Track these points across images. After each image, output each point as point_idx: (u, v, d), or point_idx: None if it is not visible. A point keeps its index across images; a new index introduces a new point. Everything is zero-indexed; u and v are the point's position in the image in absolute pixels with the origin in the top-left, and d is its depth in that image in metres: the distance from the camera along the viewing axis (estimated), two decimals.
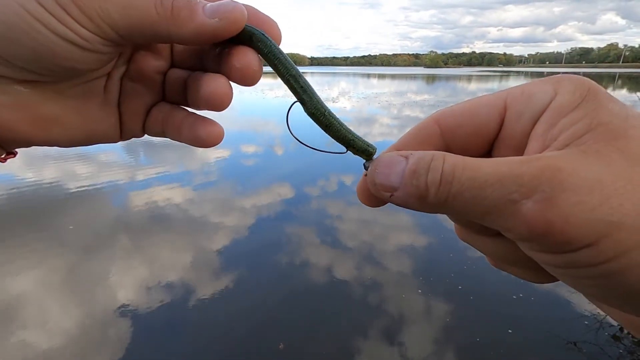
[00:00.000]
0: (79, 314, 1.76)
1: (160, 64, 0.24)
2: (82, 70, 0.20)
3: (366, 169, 0.22)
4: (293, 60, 0.21)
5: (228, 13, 0.19)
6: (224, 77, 0.22)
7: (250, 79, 0.21)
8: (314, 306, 1.84)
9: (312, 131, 0.24)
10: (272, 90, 14.29)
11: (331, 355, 1.53)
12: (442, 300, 1.87)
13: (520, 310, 1.79)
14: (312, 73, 46.37)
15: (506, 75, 41.07)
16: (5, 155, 0.22)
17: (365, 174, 0.21)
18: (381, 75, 37.47)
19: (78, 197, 3.19)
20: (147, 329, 1.67)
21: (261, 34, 0.21)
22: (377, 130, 6.55)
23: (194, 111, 0.24)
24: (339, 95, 13.58)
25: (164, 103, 0.25)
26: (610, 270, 0.15)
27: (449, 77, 32.43)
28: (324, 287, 1.98)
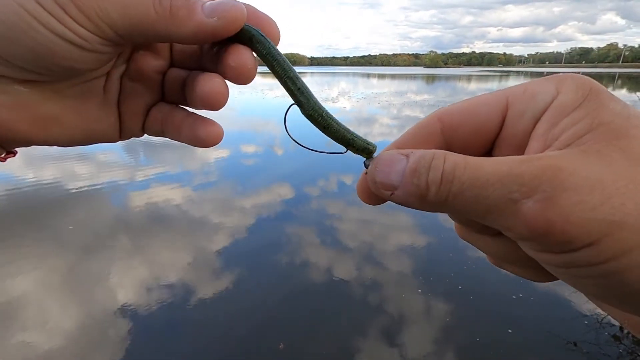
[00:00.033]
0: (79, 314, 1.76)
1: (159, 64, 0.24)
2: (81, 70, 0.20)
3: (366, 167, 0.21)
4: (293, 60, 0.21)
5: (227, 12, 0.19)
6: (219, 77, 0.22)
7: (245, 78, 0.21)
8: (314, 306, 1.84)
9: (312, 132, 0.24)
10: (272, 90, 14.28)
11: (331, 355, 1.53)
12: (442, 300, 1.87)
13: (520, 310, 1.79)
14: (312, 73, 46.33)
15: (506, 75, 41.06)
16: (5, 155, 0.22)
17: (365, 172, 0.21)
18: (381, 75, 37.44)
19: (78, 197, 3.19)
20: (147, 329, 1.67)
21: (260, 34, 0.21)
22: (377, 130, 6.55)
23: (194, 111, 0.24)
24: (338, 95, 13.58)
25: (164, 103, 0.25)
26: (610, 269, 0.15)
27: (448, 77, 32.41)
28: (324, 287, 1.98)
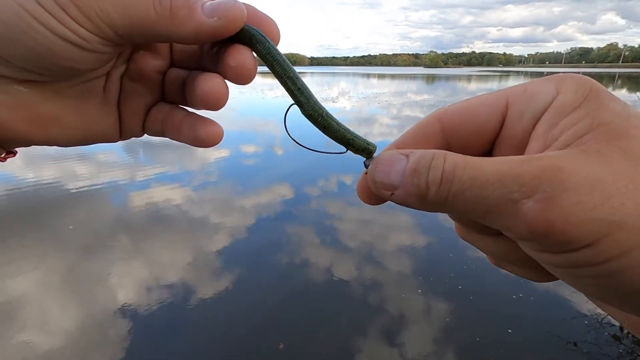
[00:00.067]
0: (79, 314, 1.76)
1: (159, 64, 0.24)
2: (81, 70, 0.20)
3: (366, 167, 0.21)
4: (293, 60, 0.21)
5: (227, 12, 0.19)
6: (219, 77, 0.22)
7: (245, 78, 0.21)
8: (314, 306, 1.84)
9: (312, 132, 0.24)
10: (272, 90, 14.28)
11: (331, 355, 1.53)
12: (442, 300, 1.87)
13: (520, 310, 1.79)
14: (312, 73, 46.31)
15: (506, 75, 41.05)
16: (5, 155, 0.22)
17: (365, 172, 0.21)
18: (381, 75, 37.42)
19: (78, 197, 3.19)
20: (147, 329, 1.67)
21: (260, 34, 0.21)
22: (377, 130, 6.55)
23: (194, 111, 0.24)
24: (338, 95, 13.58)
25: (164, 103, 0.25)
26: (610, 269, 0.15)
27: (448, 77, 32.41)
28: (324, 287, 1.98)
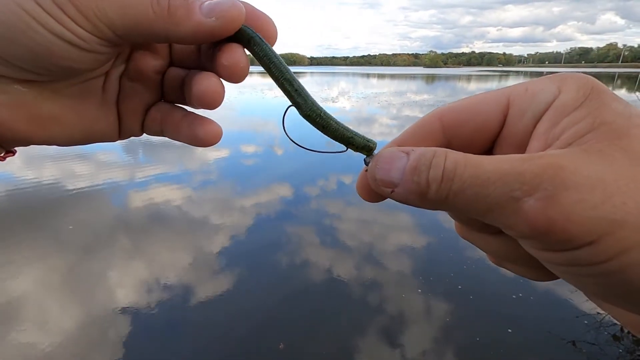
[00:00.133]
0: (79, 314, 1.76)
1: (158, 63, 0.24)
2: (80, 70, 0.20)
3: (367, 164, 0.21)
4: (292, 60, 0.21)
5: (225, 12, 0.19)
6: (215, 76, 0.22)
7: (238, 76, 0.21)
8: (314, 306, 1.84)
9: (311, 132, 0.24)
10: (272, 90, 14.29)
11: (331, 355, 1.53)
12: (442, 300, 1.87)
13: (520, 310, 1.79)
14: (312, 73, 46.34)
15: (505, 75, 41.08)
16: (4, 154, 0.22)
17: (365, 170, 0.21)
18: (381, 75, 37.45)
19: (78, 197, 3.19)
20: (147, 329, 1.67)
21: (258, 37, 0.21)
22: (377, 130, 6.55)
23: (193, 110, 0.24)
24: (338, 95, 13.58)
25: (163, 102, 0.25)
26: (611, 268, 0.15)
27: (448, 77, 32.42)
28: (323, 287, 1.98)
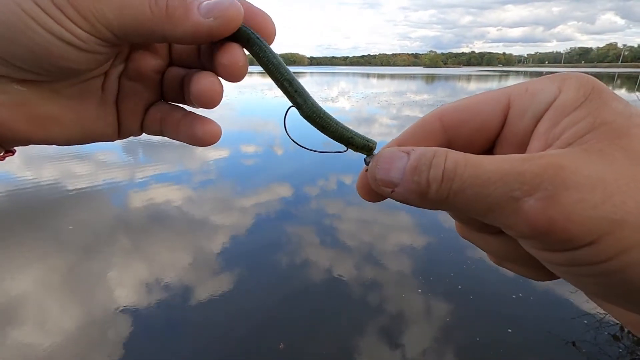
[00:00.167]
0: (79, 314, 1.76)
1: (158, 63, 0.24)
2: (79, 70, 0.20)
3: (367, 164, 0.21)
4: (292, 60, 0.21)
5: (223, 12, 0.19)
6: (214, 75, 0.22)
7: (237, 75, 0.21)
8: (314, 306, 1.84)
9: (312, 132, 0.24)
10: (271, 90, 14.28)
11: (331, 355, 1.53)
12: (442, 300, 1.87)
13: (520, 310, 1.79)
14: (312, 73, 46.34)
15: (505, 75, 41.09)
16: (4, 154, 0.22)
17: (365, 169, 0.21)
18: (380, 75, 37.45)
19: (78, 197, 3.19)
20: (147, 329, 1.67)
21: (257, 37, 0.21)
22: (377, 130, 6.55)
23: (192, 110, 0.25)
24: (338, 95, 13.58)
25: (162, 102, 0.25)
26: (612, 268, 0.15)
27: (448, 77, 32.43)
28: (323, 287, 1.98)
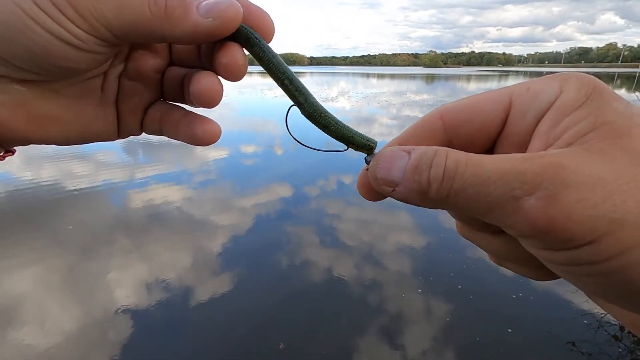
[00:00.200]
0: (79, 314, 1.76)
1: (158, 63, 0.24)
2: (78, 69, 0.20)
3: (367, 163, 0.21)
4: (292, 60, 0.21)
5: (222, 12, 0.19)
6: (214, 75, 0.22)
7: (236, 75, 0.21)
8: (314, 306, 1.84)
9: (312, 132, 0.24)
10: (271, 90, 14.29)
11: (331, 355, 1.53)
12: (442, 300, 1.87)
13: (520, 310, 1.79)
14: (312, 73, 46.35)
15: (505, 74, 41.10)
16: (4, 153, 0.22)
17: (366, 168, 0.21)
18: (380, 75, 37.46)
19: (77, 197, 3.19)
20: (147, 329, 1.67)
21: (256, 37, 0.21)
22: (377, 130, 6.55)
23: (192, 109, 0.25)
24: (338, 95, 13.59)
25: (162, 101, 0.25)
26: (612, 267, 0.15)
27: (448, 77, 32.44)
28: (323, 287, 1.98)
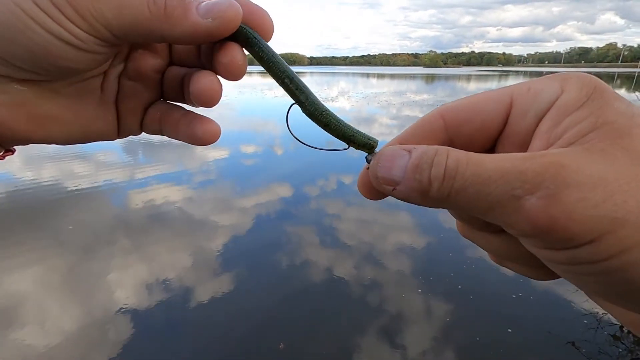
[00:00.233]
0: (79, 314, 1.76)
1: (158, 63, 0.24)
2: (78, 69, 0.20)
3: (368, 162, 0.21)
4: (292, 59, 0.21)
5: (222, 12, 0.19)
6: (213, 74, 0.22)
7: (236, 74, 0.21)
8: (314, 306, 1.84)
9: (313, 131, 0.24)
10: (272, 90, 14.30)
11: (331, 355, 1.53)
12: (442, 299, 1.87)
13: (520, 310, 1.79)
14: (312, 73, 46.36)
15: (505, 74, 41.11)
16: (4, 153, 0.22)
17: (367, 167, 0.21)
18: (380, 75, 37.47)
19: (77, 197, 3.19)
20: (147, 329, 1.67)
21: (256, 37, 0.21)
22: (377, 130, 6.55)
23: (192, 109, 0.25)
24: (338, 95, 13.60)
25: (162, 101, 0.25)
26: (612, 267, 0.15)
27: (448, 77, 32.45)
28: (323, 287, 1.98)
